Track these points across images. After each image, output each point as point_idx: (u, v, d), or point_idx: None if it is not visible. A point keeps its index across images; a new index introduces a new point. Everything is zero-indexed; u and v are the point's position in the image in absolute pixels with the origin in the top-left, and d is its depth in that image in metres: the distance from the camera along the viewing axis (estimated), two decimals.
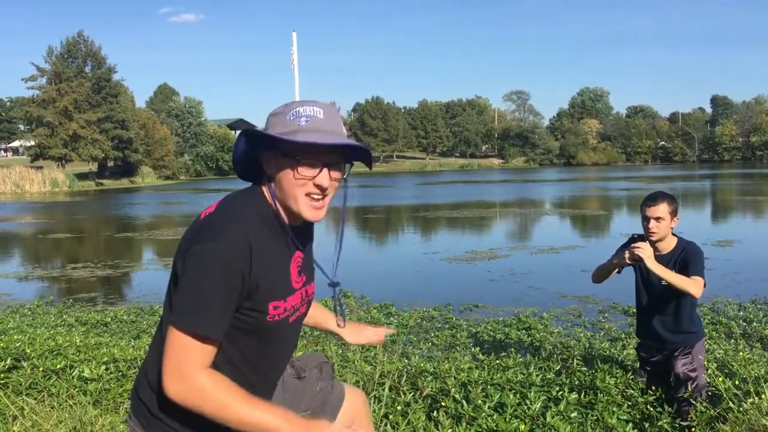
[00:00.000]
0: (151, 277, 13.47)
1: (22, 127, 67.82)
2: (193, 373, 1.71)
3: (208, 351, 1.75)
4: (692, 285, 3.62)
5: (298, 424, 1.75)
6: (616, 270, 3.95)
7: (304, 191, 1.82)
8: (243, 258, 1.74)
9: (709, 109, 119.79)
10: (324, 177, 1.82)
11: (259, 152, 1.88)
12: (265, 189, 1.89)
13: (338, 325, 2.36)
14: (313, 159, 1.80)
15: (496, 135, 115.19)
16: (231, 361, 1.86)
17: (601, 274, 4.01)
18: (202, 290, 1.72)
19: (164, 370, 1.73)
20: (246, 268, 1.75)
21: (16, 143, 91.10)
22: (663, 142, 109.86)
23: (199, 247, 1.74)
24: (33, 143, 65.15)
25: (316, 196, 1.83)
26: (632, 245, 3.71)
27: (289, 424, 1.74)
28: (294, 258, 1.94)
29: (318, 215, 1.86)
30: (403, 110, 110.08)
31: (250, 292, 1.78)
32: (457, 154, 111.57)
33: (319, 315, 2.42)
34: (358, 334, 2.46)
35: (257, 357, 1.91)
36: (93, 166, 65.87)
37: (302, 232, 1.98)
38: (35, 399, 4.13)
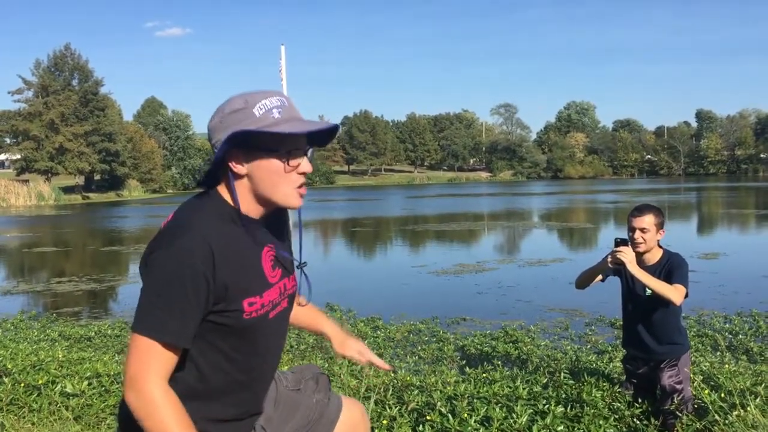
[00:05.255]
0: (136, 290, 13.24)
1: (8, 140, 67.25)
2: (148, 383, 1.69)
3: (168, 358, 1.72)
4: (672, 291, 3.63)
5: None
6: (600, 278, 3.95)
7: (292, 182, 1.83)
8: (204, 261, 1.71)
9: (694, 123, 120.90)
10: (307, 164, 1.85)
11: (227, 154, 1.83)
12: (222, 189, 1.86)
13: (298, 304, 2.24)
14: (300, 148, 1.82)
15: (483, 148, 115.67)
16: (218, 366, 1.84)
17: (583, 280, 4.02)
18: (162, 295, 1.71)
19: (124, 378, 1.71)
20: (208, 272, 1.72)
21: (1, 156, 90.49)
22: (649, 156, 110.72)
23: (158, 254, 1.74)
24: (19, 156, 64.70)
25: (301, 185, 1.86)
26: (614, 249, 3.71)
27: None
28: (264, 252, 1.91)
29: (301, 201, 1.88)
30: (391, 124, 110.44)
31: (218, 294, 1.75)
32: (445, 168, 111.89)
33: (311, 316, 2.37)
34: (343, 343, 2.38)
35: (243, 356, 1.87)
36: (79, 180, 65.51)
37: (270, 225, 1.96)
38: (16, 415, 4.07)
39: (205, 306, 1.74)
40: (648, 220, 3.80)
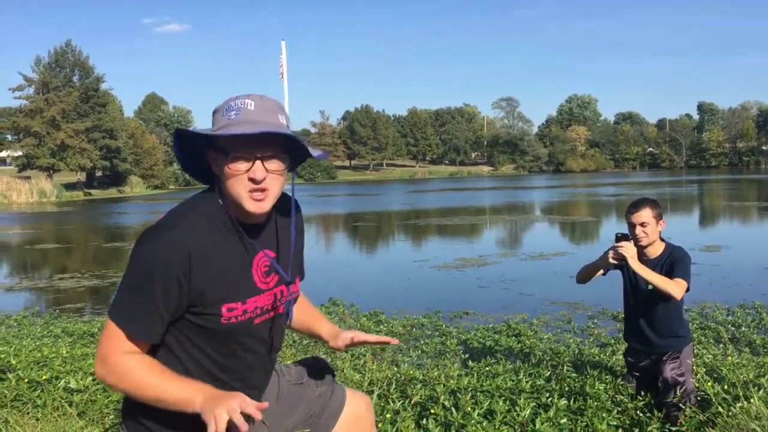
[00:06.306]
0: None
1: (9, 137, 67.29)
2: (116, 358, 1.75)
3: (137, 344, 1.78)
4: (673, 286, 3.62)
5: (210, 395, 1.69)
6: (601, 272, 3.94)
7: (243, 186, 1.79)
8: (178, 264, 1.73)
9: (696, 116, 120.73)
10: (258, 170, 1.78)
11: (207, 153, 1.87)
12: (216, 190, 1.88)
13: (286, 325, 2.16)
14: (243, 152, 1.77)
15: (485, 142, 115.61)
16: (200, 364, 1.86)
17: (585, 275, 4.01)
18: (136, 290, 1.75)
19: (96, 354, 1.78)
20: (182, 275, 1.74)
21: (3, 153, 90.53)
22: (651, 149, 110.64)
23: (141, 248, 1.77)
24: (20, 153, 64.73)
25: (254, 190, 1.79)
26: (616, 244, 3.70)
27: (201, 395, 1.69)
28: (257, 258, 1.90)
29: (261, 207, 1.82)
30: (392, 118, 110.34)
31: (193, 297, 1.77)
32: (447, 162, 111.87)
33: (309, 320, 2.32)
34: (335, 338, 2.27)
35: (223, 358, 1.89)
36: (81, 176, 65.51)
37: (268, 230, 1.95)
38: (20, 411, 4.08)
39: (175, 308, 1.77)
40: (646, 214, 3.79)
